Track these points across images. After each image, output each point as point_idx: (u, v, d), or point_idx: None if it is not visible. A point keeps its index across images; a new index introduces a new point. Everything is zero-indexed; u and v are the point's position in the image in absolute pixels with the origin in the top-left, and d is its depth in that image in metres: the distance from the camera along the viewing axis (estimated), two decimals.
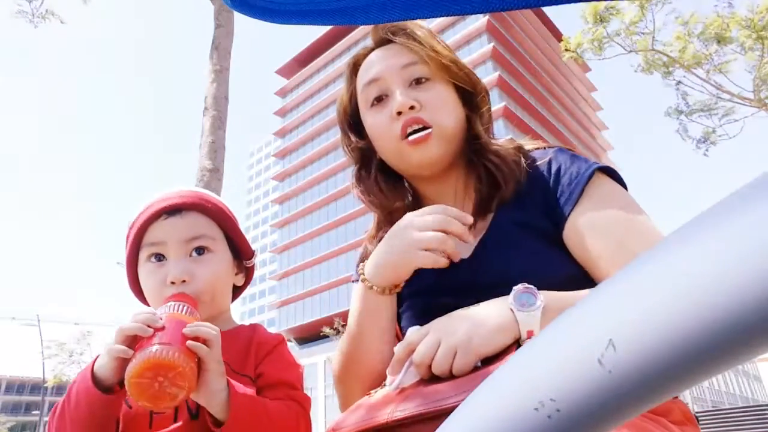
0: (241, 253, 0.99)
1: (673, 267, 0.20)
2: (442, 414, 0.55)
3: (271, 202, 55.52)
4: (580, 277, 0.73)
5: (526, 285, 0.65)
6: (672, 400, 0.67)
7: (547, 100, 44.79)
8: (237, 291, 1.05)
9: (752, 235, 0.17)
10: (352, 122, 0.95)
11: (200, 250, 0.90)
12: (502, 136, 0.99)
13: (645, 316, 0.19)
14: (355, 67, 0.93)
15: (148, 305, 1.05)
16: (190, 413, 0.82)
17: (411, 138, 0.81)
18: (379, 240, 0.88)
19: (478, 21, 37.74)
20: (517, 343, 0.63)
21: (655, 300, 0.19)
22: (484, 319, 0.64)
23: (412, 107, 0.81)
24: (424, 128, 0.81)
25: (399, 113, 0.82)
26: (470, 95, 0.88)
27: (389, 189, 0.92)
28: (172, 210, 0.90)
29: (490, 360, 0.62)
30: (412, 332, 0.67)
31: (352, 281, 0.93)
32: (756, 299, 0.17)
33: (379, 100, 0.86)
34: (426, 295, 0.83)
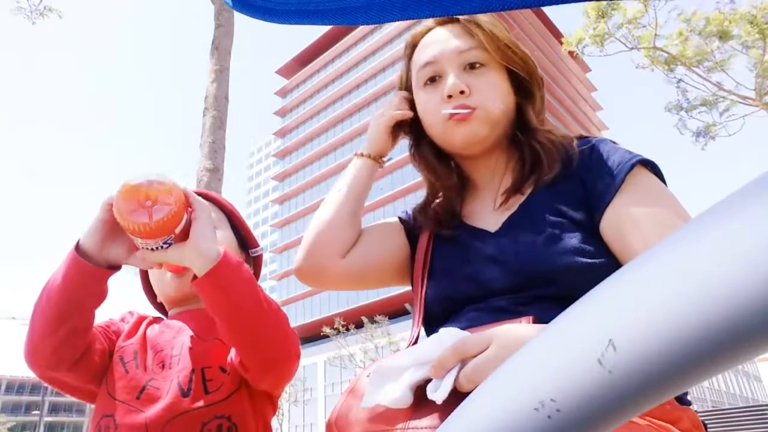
0: (246, 242, 1.05)
1: (673, 267, 0.19)
2: None
3: (271, 202, 55.50)
4: (602, 269, 0.71)
5: None
6: (682, 409, 0.65)
7: (547, 100, 44.67)
8: None
9: (752, 235, 0.17)
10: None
11: None
12: None
13: (645, 316, 0.19)
14: (412, 48, 0.94)
15: (157, 307, 1.05)
16: (180, 390, 0.81)
17: (453, 115, 0.83)
18: (422, 210, 0.95)
19: None
20: None
21: (655, 300, 0.19)
22: None
23: (462, 92, 0.83)
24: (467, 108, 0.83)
25: (450, 96, 0.83)
26: (525, 81, 0.89)
27: (441, 165, 0.94)
28: None
29: None
30: (467, 338, 0.59)
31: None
32: (756, 299, 0.17)
33: (432, 80, 0.88)
34: (452, 270, 0.84)
